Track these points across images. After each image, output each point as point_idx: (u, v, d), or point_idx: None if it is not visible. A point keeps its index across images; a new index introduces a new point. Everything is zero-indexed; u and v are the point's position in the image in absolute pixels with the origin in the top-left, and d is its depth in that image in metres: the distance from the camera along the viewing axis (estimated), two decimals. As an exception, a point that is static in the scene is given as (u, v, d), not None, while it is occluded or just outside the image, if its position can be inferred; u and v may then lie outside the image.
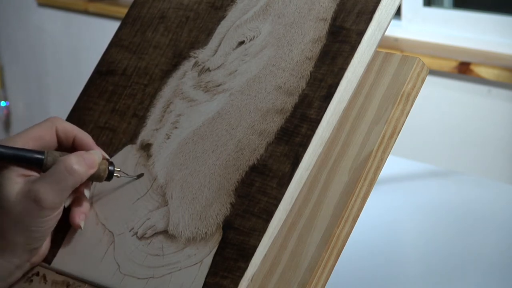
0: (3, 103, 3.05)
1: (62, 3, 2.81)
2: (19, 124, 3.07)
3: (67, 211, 0.72)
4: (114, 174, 0.71)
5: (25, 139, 0.70)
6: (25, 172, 0.68)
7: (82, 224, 0.71)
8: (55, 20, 2.87)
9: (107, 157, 0.72)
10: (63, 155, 0.69)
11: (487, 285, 1.11)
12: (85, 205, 0.72)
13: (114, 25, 0.88)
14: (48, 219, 0.68)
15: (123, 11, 2.56)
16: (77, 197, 0.71)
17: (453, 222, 1.28)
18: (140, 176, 0.72)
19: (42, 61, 2.95)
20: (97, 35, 2.70)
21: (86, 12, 2.73)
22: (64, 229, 0.73)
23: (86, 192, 0.71)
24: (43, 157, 0.68)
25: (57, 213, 0.68)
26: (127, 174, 0.72)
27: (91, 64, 0.88)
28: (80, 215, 0.71)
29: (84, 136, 0.72)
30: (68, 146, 0.72)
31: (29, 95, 2.99)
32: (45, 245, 0.72)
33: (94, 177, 0.70)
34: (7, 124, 3.09)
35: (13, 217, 0.67)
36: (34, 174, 0.69)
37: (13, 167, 0.68)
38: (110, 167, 0.71)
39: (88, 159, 0.69)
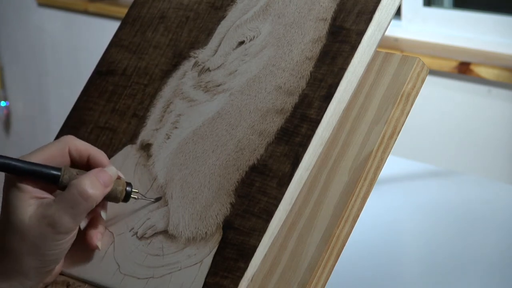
0: (3, 103, 3.05)
1: (62, 3, 2.81)
2: (19, 124, 3.07)
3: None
4: (132, 195, 0.69)
5: (38, 159, 0.68)
6: (38, 194, 0.67)
7: (99, 245, 0.70)
8: (55, 20, 2.87)
9: (123, 177, 0.70)
10: (80, 173, 0.67)
11: (487, 285, 1.11)
12: (102, 225, 0.70)
13: (114, 25, 0.88)
14: (63, 242, 0.67)
15: (123, 11, 2.56)
16: (93, 217, 0.70)
17: (453, 222, 1.28)
18: (158, 199, 0.70)
19: (42, 61, 2.95)
20: (97, 35, 2.70)
21: (86, 12, 2.73)
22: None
23: (103, 214, 0.70)
24: (59, 173, 0.67)
25: (72, 236, 0.67)
26: (144, 196, 0.70)
27: (91, 64, 0.88)
28: (98, 235, 0.70)
29: (98, 155, 0.70)
30: (82, 165, 0.70)
31: (29, 95, 2.99)
32: (59, 265, 0.70)
33: (111, 198, 0.68)
34: (7, 124, 3.09)
35: (27, 241, 0.66)
36: (48, 196, 0.67)
37: (26, 189, 0.67)
38: (127, 188, 0.69)
39: (103, 178, 0.67)
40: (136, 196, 0.70)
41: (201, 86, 0.74)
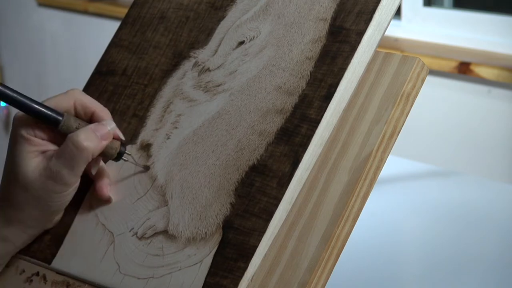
0: (3, 103, 3.04)
1: (62, 3, 2.81)
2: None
3: (66, 211, 0.72)
4: (123, 157, 0.71)
5: None
6: (43, 146, 0.69)
7: (110, 194, 0.72)
8: (55, 20, 2.87)
9: (122, 137, 0.72)
10: (82, 124, 0.70)
11: (487, 285, 1.11)
12: (106, 176, 0.72)
13: (114, 25, 0.89)
14: (66, 193, 0.69)
15: (123, 11, 2.56)
16: (98, 170, 0.72)
17: (453, 222, 1.28)
18: (146, 168, 0.72)
19: (42, 61, 2.95)
20: (97, 35, 2.70)
21: (86, 12, 2.73)
22: (65, 229, 0.73)
23: (93, 170, 0.72)
24: (61, 118, 0.69)
25: (74, 187, 0.70)
26: (135, 162, 0.72)
27: (91, 64, 0.88)
28: (108, 187, 0.72)
29: (102, 112, 0.72)
30: (86, 120, 0.72)
31: (29, 95, 2.98)
32: (60, 215, 0.73)
33: (104, 154, 0.70)
34: (7, 124, 3.09)
35: (30, 192, 0.69)
36: (52, 148, 0.70)
37: (32, 140, 0.69)
38: (121, 148, 0.71)
39: (100, 131, 0.69)
40: (126, 159, 0.72)
41: (201, 86, 0.74)
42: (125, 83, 0.78)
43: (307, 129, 0.67)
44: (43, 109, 0.70)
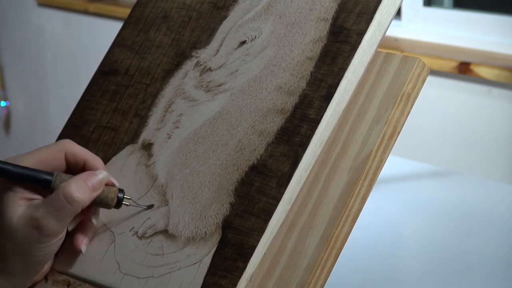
0: (3, 103, 3.05)
1: (62, 3, 2.81)
2: (19, 124, 3.07)
3: None
4: (123, 202, 0.69)
5: (32, 161, 0.68)
6: (29, 195, 0.67)
7: (83, 249, 0.70)
8: (55, 20, 2.87)
9: (117, 184, 0.70)
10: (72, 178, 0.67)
11: (488, 285, 1.11)
12: (90, 230, 0.70)
13: (114, 25, 0.89)
14: (50, 244, 0.67)
15: (123, 11, 2.56)
16: (82, 221, 0.70)
17: (453, 222, 1.28)
18: (150, 207, 0.70)
19: (42, 61, 2.95)
20: (97, 35, 2.70)
21: (86, 12, 2.73)
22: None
23: (94, 220, 0.70)
24: (51, 178, 0.67)
25: (59, 239, 0.67)
26: (136, 204, 0.70)
27: (91, 64, 0.88)
28: (84, 240, 0.70)
29: (94, 161, 0.70)
30: (78, 170, 0.70)
31: (29, 95, 2.99)
32: (48, 265, 0.71)
33: (102, 204, 0.68)
34: (7, 124, 3.09)
35: (14, 241, 0.66)
36: (38, 197, 0.67)
37: (17, 189, 0.67)
38: (119, 194, 0.69)
39: (91, 181, 0.67)
40: (127, 203, 0.70)
41: (203, 86, 0.74)
42: (128, 82, 0.78)
43: (307, 129, 0.67)
44: (31, 174, 0.66)
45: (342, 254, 0.65)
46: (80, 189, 0.66)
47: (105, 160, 0.75)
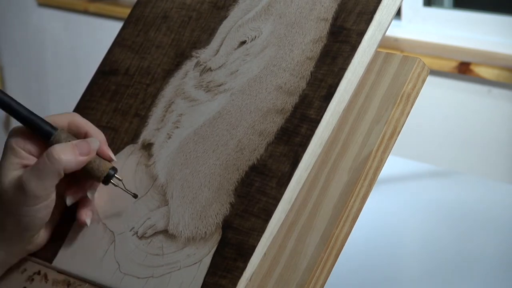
0: (3, 103, 3.04)
1: (62, 3, 2.81)
2: (19, 124, 3.07)
3: (67, 210, 0.72)
4: (111, 180, 0.69)
5: None
6: (27, 161, 0.68)
7: (88, 221, 0.70)
8: (55, 20, 2.87)
9: (114, 158, 0.71)
10: (71, 139, 0.69)
11: (488, 285, 1.11)
12: (91, 204, 0.71)
13: (114, 25, 0.89)
14: (36, 208, 0.67)
15: (123, 11, 2.56)
16: (82, 197, 0.71)
17: (453, 222, 1.28)
18: (135, 196, 0.70)
19: (42, 61, 2.95)
20: (97, 35, 2.70)
21: (86, 12, 2.73)
22: (65, 229, 0.73)
23: (89, 194, 0.71)
24: (53, 132, 0.68)
25: (46, 204, 0.68)
26: (124, 188, 0.70)
27: (91, 64, 0.88)
28: (87, 212, 0.71)
29: (95, 133, 0.71)
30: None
31: (29, 95, 2.99)
32: (41, 237, 0.71)
33: (91, 175, 0.69)
34: (7, 124, 3.09)
35: (4, 204, 0.68)
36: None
37: (20, 154, 0.68)
38: (110, 170, 0.69)
39: (80, 147, 0.68)
40: (115, 183, 0.70)
41: (203, 86, 0.75)
42: (128, 82, 0.78)
43: (307, 129, 0.67)
44: (37, 120, 0.69)
45: (342, 254, 0.65)
46: (65, 151, 0.67)
47: (105, 160, 0.75)
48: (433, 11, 2.02)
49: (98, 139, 0.70)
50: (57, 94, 2.92)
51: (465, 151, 1.93)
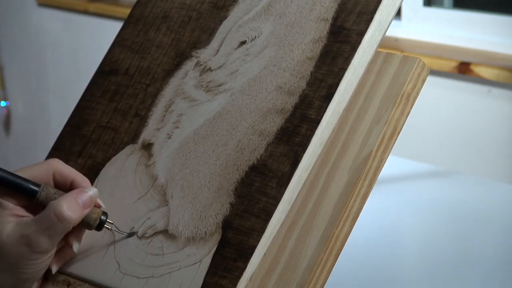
0: (3, 103, 3.04)
1: (62, 3, 2.81)
2: (19, 124, 3.07)
3: None
4: (105, 225, 0.69)
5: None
6: (18, 212, 0.68)
7: (53, 269, 0.69)
8: (55, 20, 2.87)
9: (103, 206, 0.70)
10: (59, 193, 0.68)
11: (488, 285, 1.11)
12: (68, 253, 0.70)
13: (114, 25, 0.89)
14: (39, 262, 0.67)
15: (123, 11, 2.56)
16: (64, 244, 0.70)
17: (453, 222, 1.28)
18: (131, 234, 0.70)
19: (42, 61, 2.95)
20: (97, 35, 2.70)
21: (86, 12, 2.73)
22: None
23: (74, 247, 0.70)
24: (38, 189, 0.67)
25: (49, 256, 0.67)
26: (118, 229, 0.70)
27: (91, 64, 0.88)
28: (57, 263, 0.70)
29: (82, 181, 0.70)
30: (66, 190, 0.69)
31: (29, 95, 2.99)
32: (36, 284, 0.70)
33: (84, 223, 0.68)
34: (7, 124, 3.09)
35: (4, 258, 0.66)
36: (27, 215, 0.68)
37: (7, 205, 0.67)
38: (102, 217, 0.69)
39: (82, 199, 0.67)
40: (109, 227, 0.69)
41: (203, 86, 0.74)
42: (128, 82, 0.78)
43: (307, 129, 0.67)
44: (18, 181, 0.67)
45: (342, 254, 0.65)
46: (71, 208, 0.67)
47: (105, 160, 0.75)
48: (433, 11, 2.02)
49: (85, 185, 0.70)
50: (57, 94, 2.92)
51: (465, 151, 1.93)
